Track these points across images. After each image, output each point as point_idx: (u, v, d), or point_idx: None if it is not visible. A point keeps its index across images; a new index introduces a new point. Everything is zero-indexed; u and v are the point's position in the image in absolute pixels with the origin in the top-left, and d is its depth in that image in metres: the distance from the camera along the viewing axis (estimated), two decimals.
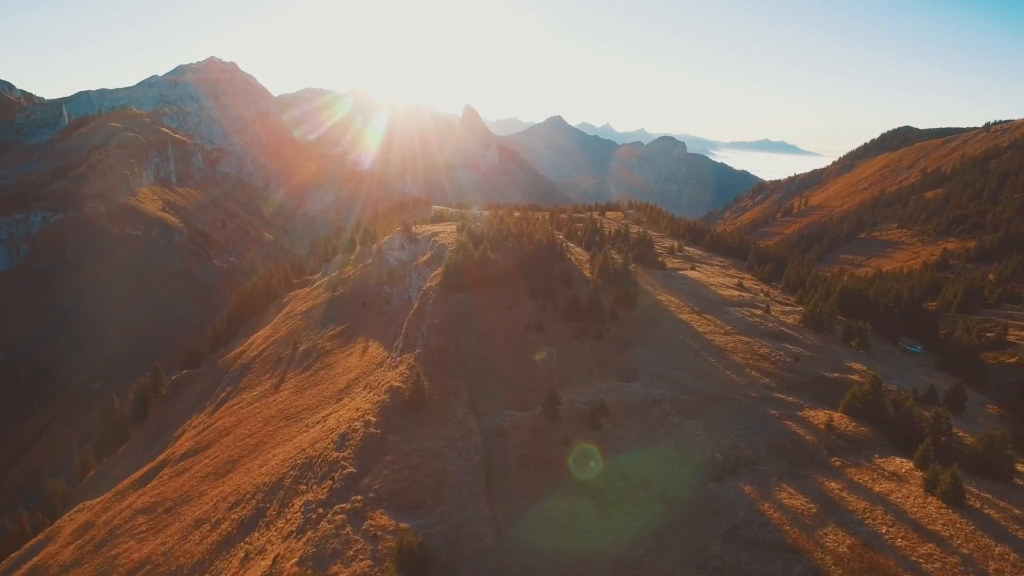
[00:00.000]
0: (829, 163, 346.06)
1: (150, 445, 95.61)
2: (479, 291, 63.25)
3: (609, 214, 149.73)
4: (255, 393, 76.28)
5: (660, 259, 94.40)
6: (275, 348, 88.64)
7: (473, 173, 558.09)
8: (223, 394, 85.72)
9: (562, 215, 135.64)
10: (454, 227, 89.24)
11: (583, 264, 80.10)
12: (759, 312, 74.75)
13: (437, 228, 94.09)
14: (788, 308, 79.87)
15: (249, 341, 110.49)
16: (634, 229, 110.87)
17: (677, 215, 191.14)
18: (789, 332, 68.80)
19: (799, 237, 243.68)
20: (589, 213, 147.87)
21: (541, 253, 70.94)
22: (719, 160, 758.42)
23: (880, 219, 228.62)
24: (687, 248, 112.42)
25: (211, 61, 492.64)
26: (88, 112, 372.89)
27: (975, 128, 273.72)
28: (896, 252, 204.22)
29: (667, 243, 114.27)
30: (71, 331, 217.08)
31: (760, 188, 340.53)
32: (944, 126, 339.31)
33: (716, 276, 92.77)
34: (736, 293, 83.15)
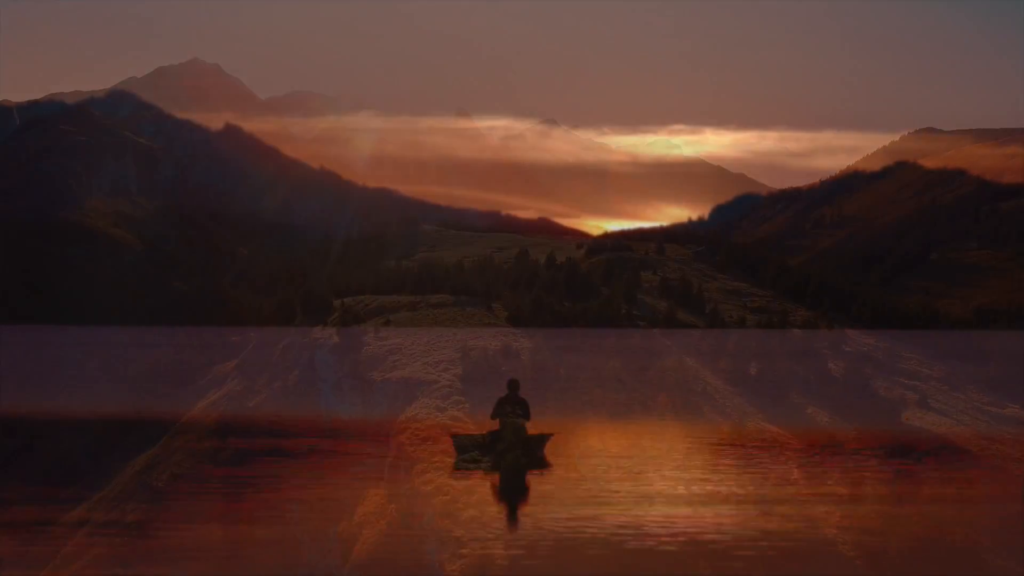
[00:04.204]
0: (826, 164, 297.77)
1: None
2: None
3: (668, 248, 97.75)
4: None
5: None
6: None
7: (466, 177, 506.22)
8: None
9: (620, 254, 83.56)
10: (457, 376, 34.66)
11: None
12: None
13: (413, 367, 37.63)
14: None
15: (100, 496, 57.22)
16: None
17: (671, 220, 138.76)
18: None
19: (850, 258, 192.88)
20: (646, 249, 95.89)
21: None
22: (714, 164, 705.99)
23: (947, 236, 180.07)
24: (848, 334, 60.33)
25: (194, 62, 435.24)
26: None
27: None
28: (989, 280, 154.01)
29: (800, 313, 62.32)
30: None
31: (780, 195, 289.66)
32: (945, 128, 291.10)
33: None
34: None
